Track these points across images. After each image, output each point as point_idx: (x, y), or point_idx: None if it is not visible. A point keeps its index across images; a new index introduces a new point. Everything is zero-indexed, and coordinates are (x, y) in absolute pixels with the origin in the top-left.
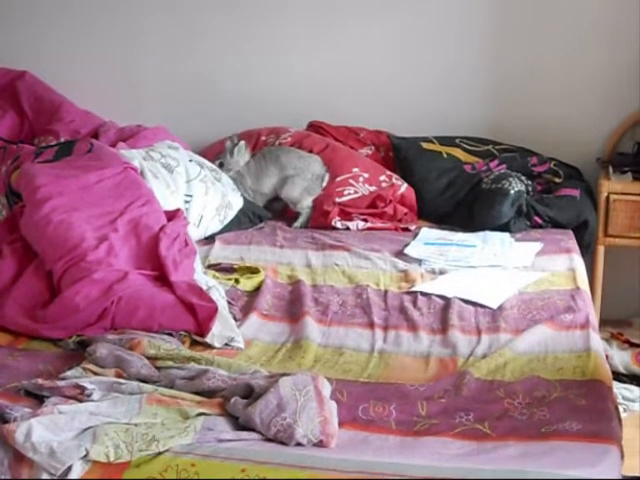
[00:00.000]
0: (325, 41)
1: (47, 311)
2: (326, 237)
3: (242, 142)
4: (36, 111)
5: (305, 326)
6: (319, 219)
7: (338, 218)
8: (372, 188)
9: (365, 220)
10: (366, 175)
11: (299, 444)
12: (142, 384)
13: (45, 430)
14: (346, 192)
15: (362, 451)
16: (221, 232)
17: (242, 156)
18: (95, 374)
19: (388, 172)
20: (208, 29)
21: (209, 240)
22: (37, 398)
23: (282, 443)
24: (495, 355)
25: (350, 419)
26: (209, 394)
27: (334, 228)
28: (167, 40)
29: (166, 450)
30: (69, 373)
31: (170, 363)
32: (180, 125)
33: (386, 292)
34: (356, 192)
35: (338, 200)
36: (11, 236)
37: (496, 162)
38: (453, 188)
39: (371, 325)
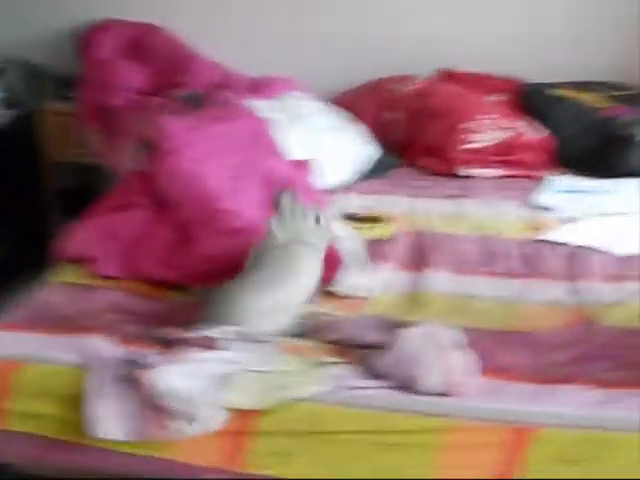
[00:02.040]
0: None
1: (180, 260)
2: (457, 185)
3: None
4: (167, 64)
5: (434, 275)
6: (446, 167)
7: (466, 165)
8: (502, 134)
9: (492, 167)
10: (496, 122)
11: (427, 394)
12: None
13: (180, 377)
14: (473, 139)
15: (494, 398)
16: (352, 181)
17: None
18: None
19: (519, 119)
20: None
21: (342, 190)
22: (169, 346)
23: (413, 391)
24: (626, 303)
25: (483, 367)
26: (339, 343)
27: (457, 176)
28: None
29: (299, 398)
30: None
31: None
32: (310, 75)
33: (518, 240)
34: (484, 139)
35: (465, 147)
36: (144, 187)
37: (628, 107)
38: (587, 134)
39: (503, 273)
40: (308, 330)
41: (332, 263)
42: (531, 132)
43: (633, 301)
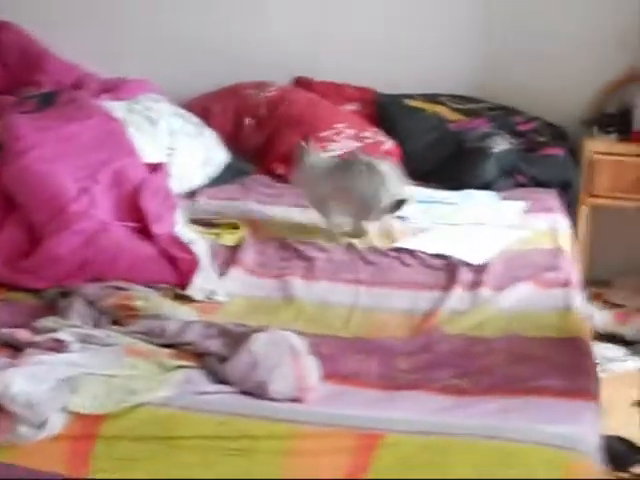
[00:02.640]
0: None
1: (28, 261)
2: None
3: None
4: (18, 62)
5: (288, 281)
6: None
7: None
8: (356, 144)
9: None
10: (350, 131)
11: (274, 399)
12: (117, 336)
13: (24, 381)
14: (330, 148)
15: (342, 405)
16: (204, 186)
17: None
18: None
19: (373, 128)
20: None
21: (192, 194)
22: (15, 348)
23: (260, 397)
24: (476, 311)
25: (330, 373)
26: (186, 346)
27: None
28: None
29: (145, 402)
30: (42, 320)
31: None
32: (164, 78)
33: (370, 248)
34: (340, 148)
35: None
36: None
37: (481, 120)
38: (437, 146)
39: (355, 281)
40: (155, 332)
41: (188, 266)
42: (383, 142)
43: (482, 309)
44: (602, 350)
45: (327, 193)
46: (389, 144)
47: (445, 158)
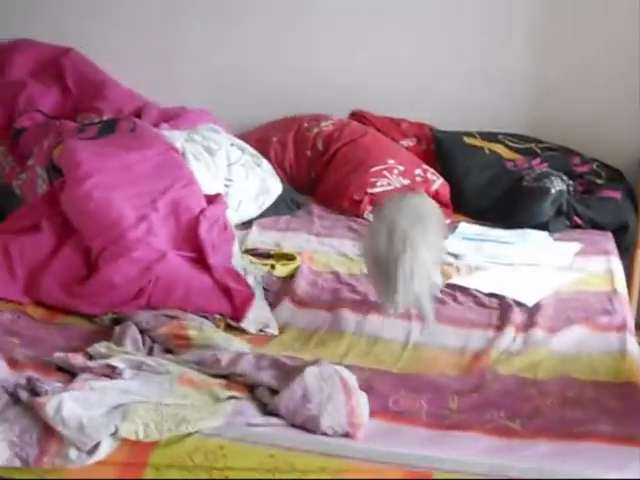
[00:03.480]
0: (372, 29)
1: (84, 287)
2: (363, 227)
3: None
4: (80, 88)
5: (340, 314)
6: (350, 208)
7: (370, 208)
8: (406, 181)
9: None
10: (401, 168)
11: (325, 434)
12: (169, 364)
13: (76, 405)
14: (379, 183)
15: (391, 442)
16: (259, 217)
17: None
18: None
19: (424, 166)
20: (251, 13)
21: (247, 225)
22: (69, 373)
23: (310, 431)
24: (529, 352)
25: (381, 409)
26: (238, 377)
27: (364, 218)
28: (213, 23)
29: (195, 431)
30: (96, 346)
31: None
32: (222, 108)
33: None
34: (389, 184)
35: (370, 190)
36: (51, 210)
37: (538, 160)
38: (494, 184)
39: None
40: (208, 362)
41: (244, 299)
42: (433, 181)
43: (535, 351)
44: None
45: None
46: (438, 183)
47: (501, 197)
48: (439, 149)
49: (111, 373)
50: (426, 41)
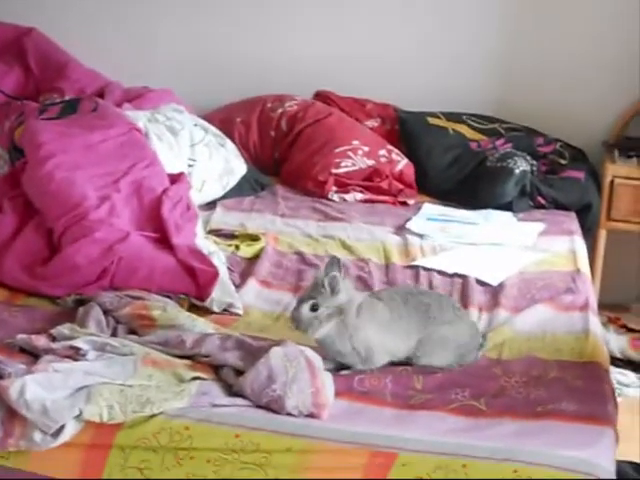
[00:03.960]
0: (337, 12)
1: (46, 268)
2: (328, 208)
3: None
4: (42, 68)
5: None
6: (315, 189)
7: (335, 189)
8: (370, 162)
9: (362, 192)
10: (366, 148)
11: (290, 414)
12: (134, 345)
13: (39, 388)
14: (343, 164)
15: (356, 422)
16: (223, 198)
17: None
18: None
19: (389, 146)
20: None
21: (211, 205)
22: (32, 355)
23: (275, 411)
24: (494, 332)
25: (346, 390)
26: (203, 358)
27: (329, 198)
28: (175, 3)
29: (160, 412)
30: (59, 328)
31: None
32: (186, 89)
33: (387, 265)
34: (354, 164)
35: (334, 171)
36: (12, 192)
37: (502, 140)
38: (458, 165)
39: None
40: (172, 343)
41: (208, 278)
42: (397, 162)
43: (499, 331)
44: (617, 375)
45: None
46: (403, 164)
47: (465, 177)
48: (403, 129)
49: (75, 355)
50: (391, 22)
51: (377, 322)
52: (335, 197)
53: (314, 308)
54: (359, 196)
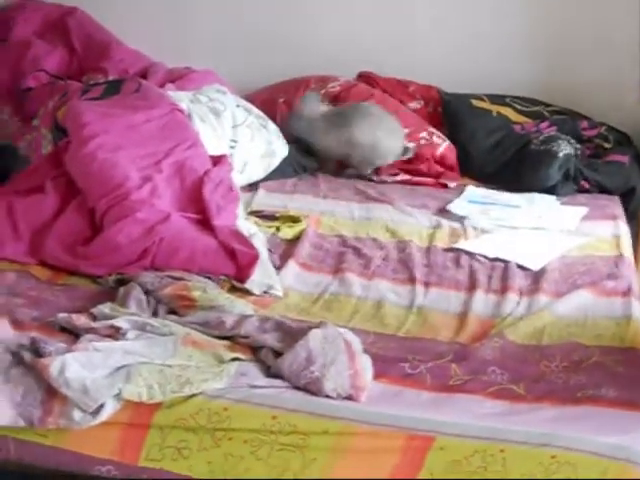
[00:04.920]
0: None
1: (88, 248)
2: (370, 190)
3: (311, 93)
4: (85, 48)
5: (345, 278)
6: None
7: (376, 171)
8: (411, 144)
9: (405, 174)
10: (407, 130)
11: (329, 397)
12: (174, 325)
13: (79, 366)
14: None
15: (395, 405)
16: (265, 180)
17: (315, 105)
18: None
19: (430, 129)
20: None
21: (252, 187)
22: (73, 333)
23: (313, 393)
24: (534, 317)
25: (385, 372)
26: (242, 339)
27: (370, 180)
28: None
29: (199, 393)
30: (100, 307)
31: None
32: (229, 69)
33: (429, 248)
34: None
35: None
36: (55, 171)
37: (546, 124)
38: (501, 147)
39: (412, 280)
40: (212, 324)
41: (248, 260)
42: (438, 144)
43: (539, 315)
44: None
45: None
46: (444, 146)
47: (508, 160)
48: (446, 112)
49: (115, 334)
50: (437, 4)
51: None
52: (379, 178)
53: None
54: (399, 177)
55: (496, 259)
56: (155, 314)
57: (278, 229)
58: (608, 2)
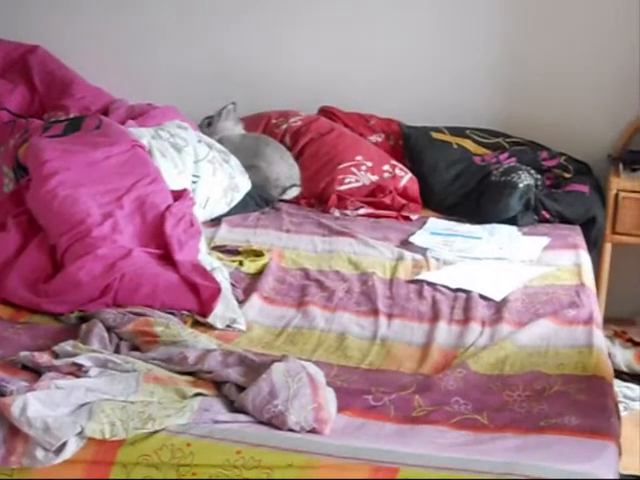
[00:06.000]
0: (341, 28)
1: (50, 285)
2: (332, 223)
3: (231, 106)
4: (47, 86)
5: (308, 311)
6: (318, 206)
7: (335, 208)
8: (374, 177)
9: (366, 208)
10: (369, 164)
11: (292, 430)
12: (136, 362)
13: (41, 405)
14: (347, 180)
15: (359, 437)
16: (227, 214)
17: (231, 121)
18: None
19: (393, 162)
20: (222, 10)
21: (215, 222)
22: (34, 372)
23: (277, 427)
24: (496, 347)
25: (349, 405)
26: (205, 374)
27: (331, 214)
28: (180, 20)
29: (162, 429)
30: (62, 345)
31: (174, 340)
32: (190, 105)
33: (391, 280)
34: (357, 181)
35: (338, 188)
36: (16, 209)
37: (506, 155)
38: (462, 179)
39: (375, 312)
40: (175, 359)
41: (210, 294)
42: (401, 177)
43: (502, 345)
44: (623, 389)
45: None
46: (407, 178)
47: (469, 192)
48: (407, 144)
49: (77, 371)
50: (394, 38)
51: None
52: (336, 212)
53: None
54: (362, 211)
55: (458, 290)
56: (117, 351)
57: (241, 263)
58: (566, 36)
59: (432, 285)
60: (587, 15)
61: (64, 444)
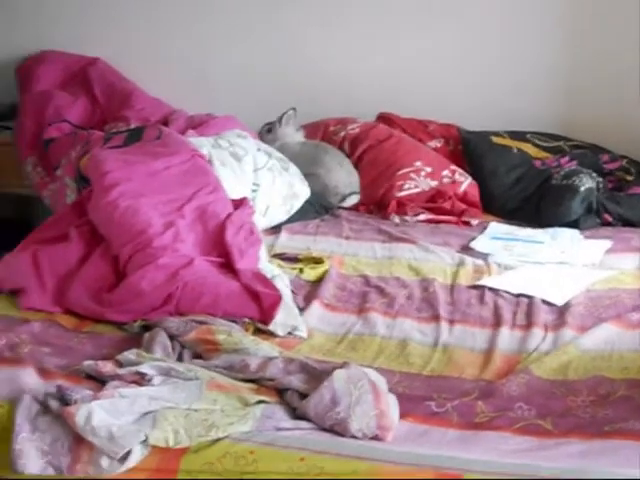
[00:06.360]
0: (400, 36)
1: (113, 295)
2: (392, 229)
3: (291, 111)
4: (107, 97)
5: (369, 317)
6: (376, 210)
7: (395, 214)
8: (433, 183)
9: (426, 213)
10: (429, 169)
11: (355, 437)
12: (199, 369)
13: (105, 414)
14: (406, 186)
15: (421, 444)
16: (287, 222)
17: (292, 127)
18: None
19: (452, 167)
20: (280, 20)
21: (275, 230)
22: (98, 381)
23: (340, 434)
24: (559, 352)
25: (411, 412)
26: (267, 381)
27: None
28: (239, 29)
29: (225, 436)
30: (126, 353)
31: (236, 348)
32: (249, 114)
33: (452, 286)
34: (417, 186)
35: (397, 194)
36: (79, 220)
37: (567, 158)
38: (522, 183)
39: (436, 318)
40: (237, 367)
41: (271, 302)
42: (461, 182)
43: (565, 350)
44: None
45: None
46: (467, 183)
47: (530, 196)
48: (467, 149)
49: (140, 380)
50: (455, 44)
51: None
52: (396, 219)
53: None
54: (421, 217)
55: (520, 295)
56: (180, 359)
57: (301, 271)
58: (627, 35)
59: (494, 290)
60: None
61: (128, 452)
